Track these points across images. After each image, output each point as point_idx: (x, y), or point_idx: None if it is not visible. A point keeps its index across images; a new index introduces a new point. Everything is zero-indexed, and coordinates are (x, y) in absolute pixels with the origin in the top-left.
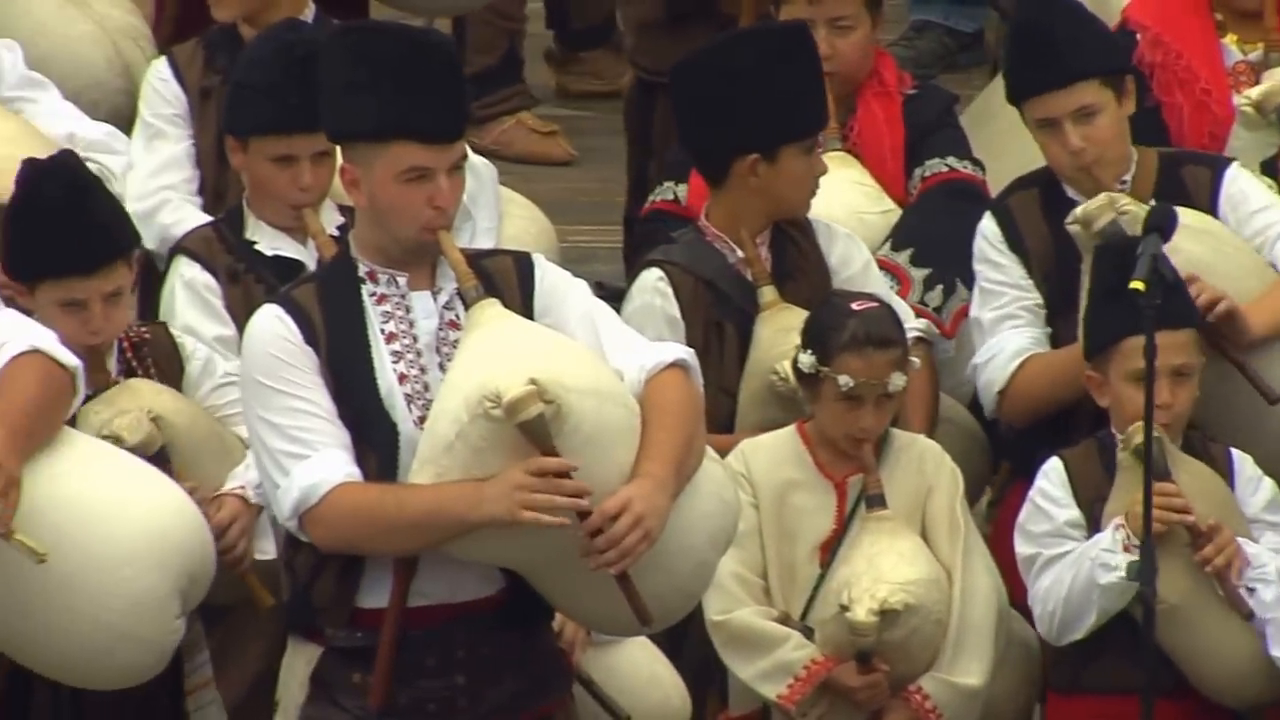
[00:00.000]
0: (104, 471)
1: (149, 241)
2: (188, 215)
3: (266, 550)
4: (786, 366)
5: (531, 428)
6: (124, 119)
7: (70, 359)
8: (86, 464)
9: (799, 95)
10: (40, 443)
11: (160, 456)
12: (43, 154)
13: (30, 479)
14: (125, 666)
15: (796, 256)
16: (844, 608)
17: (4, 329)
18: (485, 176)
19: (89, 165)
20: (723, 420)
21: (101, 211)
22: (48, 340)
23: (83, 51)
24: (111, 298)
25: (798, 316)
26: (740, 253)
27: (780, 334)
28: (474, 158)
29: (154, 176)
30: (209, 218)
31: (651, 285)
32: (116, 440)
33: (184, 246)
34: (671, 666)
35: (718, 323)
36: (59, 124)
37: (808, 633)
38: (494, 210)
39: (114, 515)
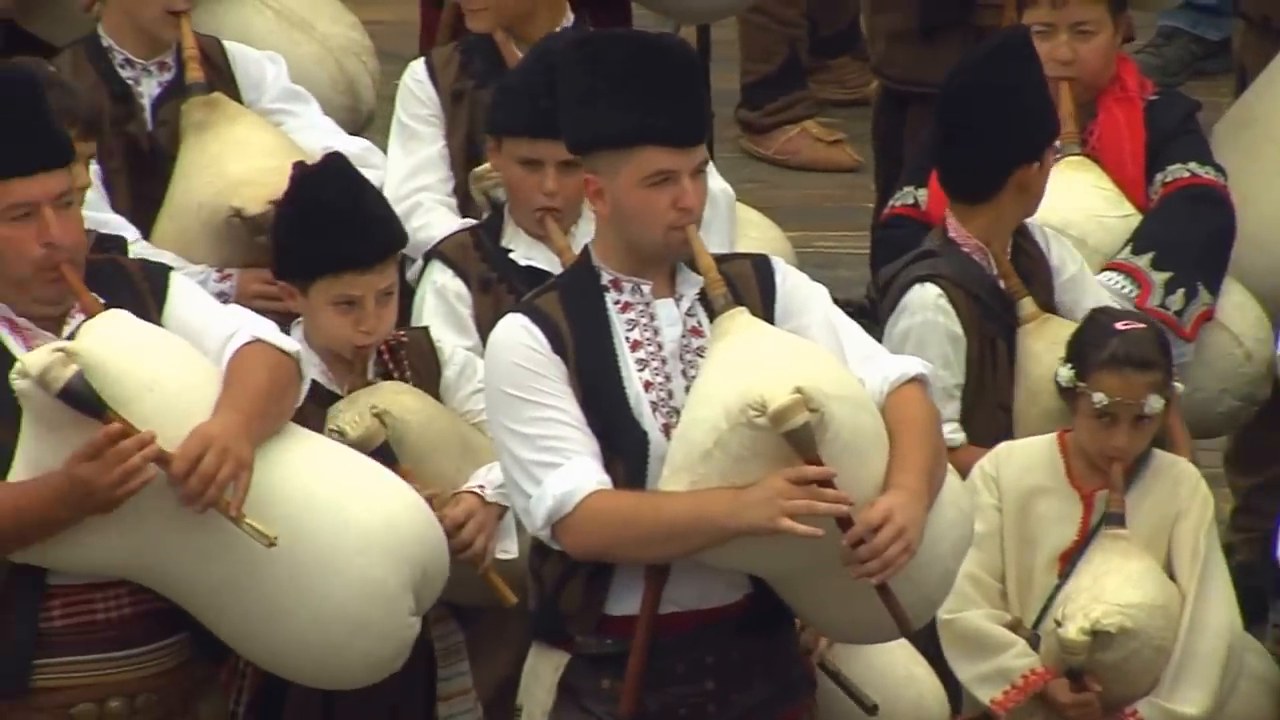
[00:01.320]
0: (333, 464)
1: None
2: (438, 218)
3: (509, 550)
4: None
5: (797, 436)
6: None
7: (292, 345)
8: (316, 456)
9: (1048, 100)
10: (270, 430)
11: (384, 453)
12: None
13: (261, 468)
14: (363, 660)
15: (1028, 263)
16: (1058, 623)
17: (228, 320)
18: (721, 205)
19: None
20: (1000, 436)
21: (377, 206)
22: (269, 329)
23: (308, 72)
24: (384, 296)
25: (1065, 328)
26: (993, 264)
27: (1053, 346)
28: (712, 181)
29: (409, 179)
30: (461, 220)
31: (933, 302)
32: (339, 435)
33: (440, 251)
34: (930, 668)
35: (991, 338)
36: (317, 138)
37: (1035, 641)
38: (727, 240)
39: (345, 505)
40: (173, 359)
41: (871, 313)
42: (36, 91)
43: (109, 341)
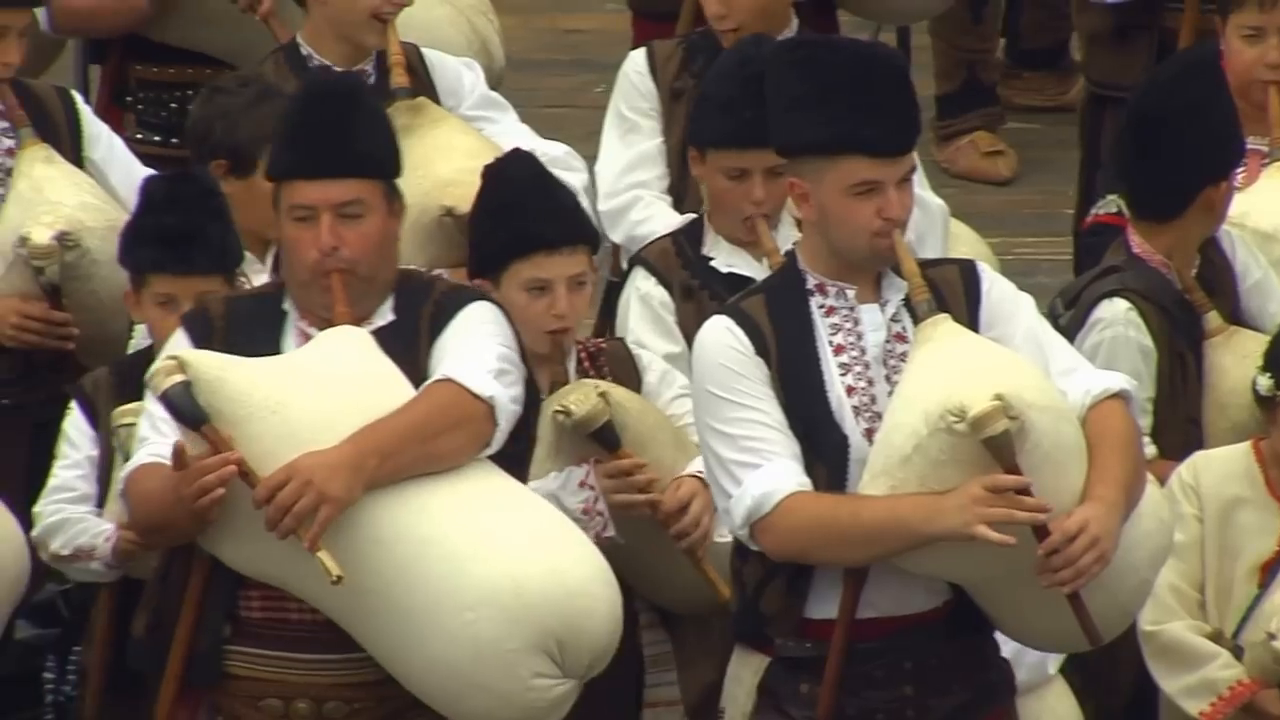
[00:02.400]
0: (481, 515)
1: (617, 237)
2: (657, 213)
3: (724, 534)
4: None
5: (996, 443)
6: None
7: (487, 388)
8: (464, 505)
9: (1235, 118)
10: (409, 469)
11: (607, 433)
12: None
13: (387, 507)
14: (484, 714)
15: (1213, 271)
16: (1271, 635)
17: (459, 358)
18: (936, 215)
19: None
20: (1190, 449)
21: (565, 197)
22: (474, 371)
23: (444, 34)
24: (575, 284)
25: (1253, 340)
26: (1177, 279)
27: (1242, 360)
28: (932, 199)
29: (626, 173)
30: (678, 216)
31: (1123, 316)
32: (565, 414)
33: (642, 258)
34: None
35: (1180, 351)
36: (517, 143)
37: (1238, 652)
38: (940, 249)
39: (468, 559)
40: (317, 386)
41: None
42: (347, 101)
43: (227, 359)
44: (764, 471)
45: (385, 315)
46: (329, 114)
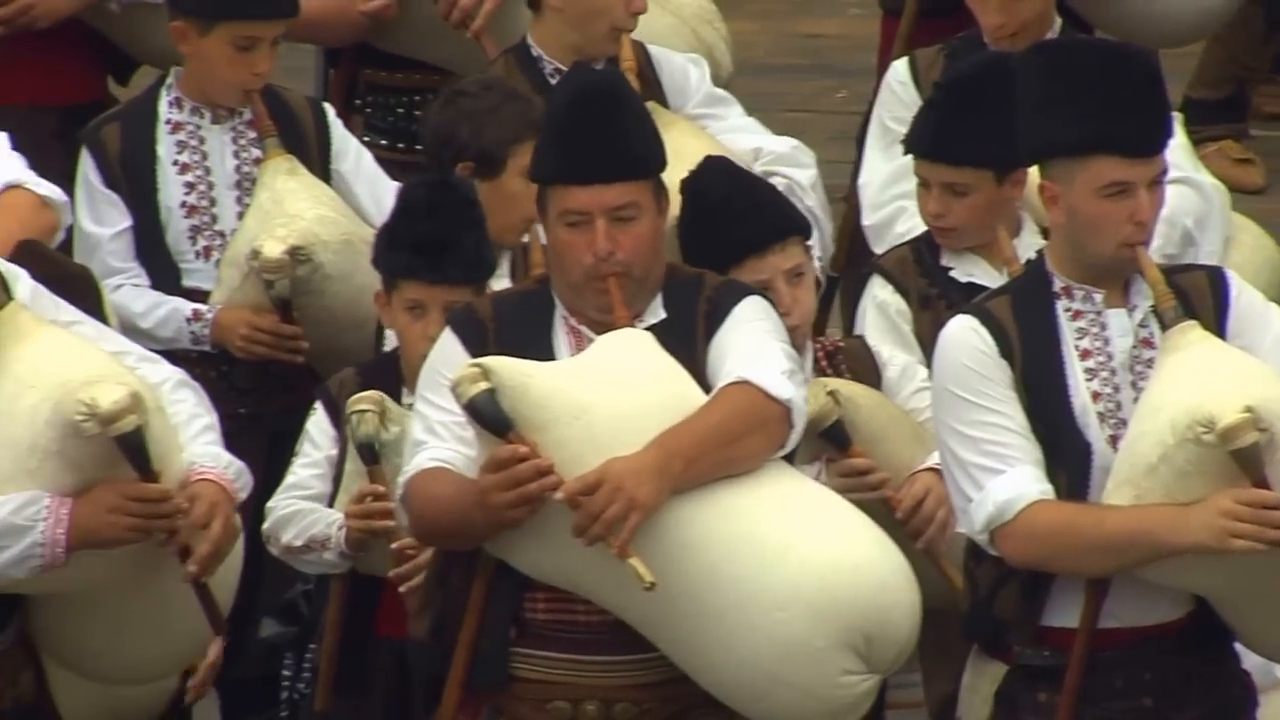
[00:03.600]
0: (783, 515)
1: (882, 250)
2: (921, 223)
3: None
4: None
5: (1245, 455)
6: None
7: (784, 390)
8: (769, 505)
9: None
10: (713, 472)
11: (837, 432)
12: None
13: (695, 509)
14: (792, 712)
15: None
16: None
17: (742, 358)
18: (1215, 201)
19: (775, 180)
20: None
21: (763, 192)
22: (768, 373)
23: (666, 43)
24: (793, 277)
25: None
26: None
27: None
28: (1206, 179)
29: (889, 185)
30: None
31: None
32: None
33: (880, 266)
34: None
35: None
36: (745, 139)
37: None
38: (1219, 235)
39: (776, 558)
40: (614, 389)
41: None
42: (613, 100)
43: (530, 365)
44: (1007, 478)
45: (657, 313)
46: (597, 115)
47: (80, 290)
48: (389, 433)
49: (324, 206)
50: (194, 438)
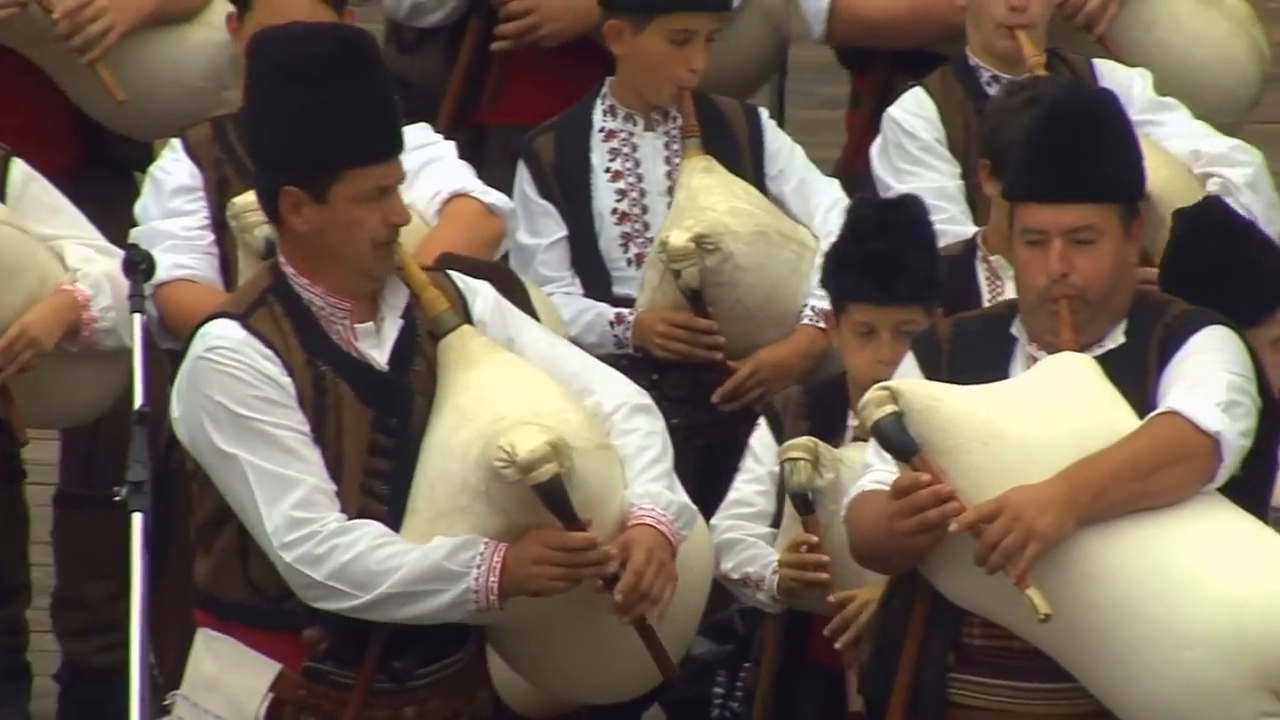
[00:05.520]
0: (1196, 548)
1: None
2: None
3: None
4: None
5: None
6: None
7: (1213, 422)
8: (1181, 537)
9: None
10: (1120, 506)
11: None
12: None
13: (1100, 542)
14: None
15: None
16: None
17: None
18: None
19: (1210, 183)
20: None
21: (1265, 252)
22: (1198, 404)
23: (1230, 50)
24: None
25: None
26: None
27: None
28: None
29: None
30: None
31: None
32: None
33: None
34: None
35: None
36: (1184, 143)
37: None
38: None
39: (1185, 595)
40: (1033, 415)
41: None
42: (1089, 120)
43: (940, 388)
44: None
45: (1116, 338)
46: (1070, 134)
47: (506, 291)
48: (823, 479)
49: (738, 199)
50: (639, 473)
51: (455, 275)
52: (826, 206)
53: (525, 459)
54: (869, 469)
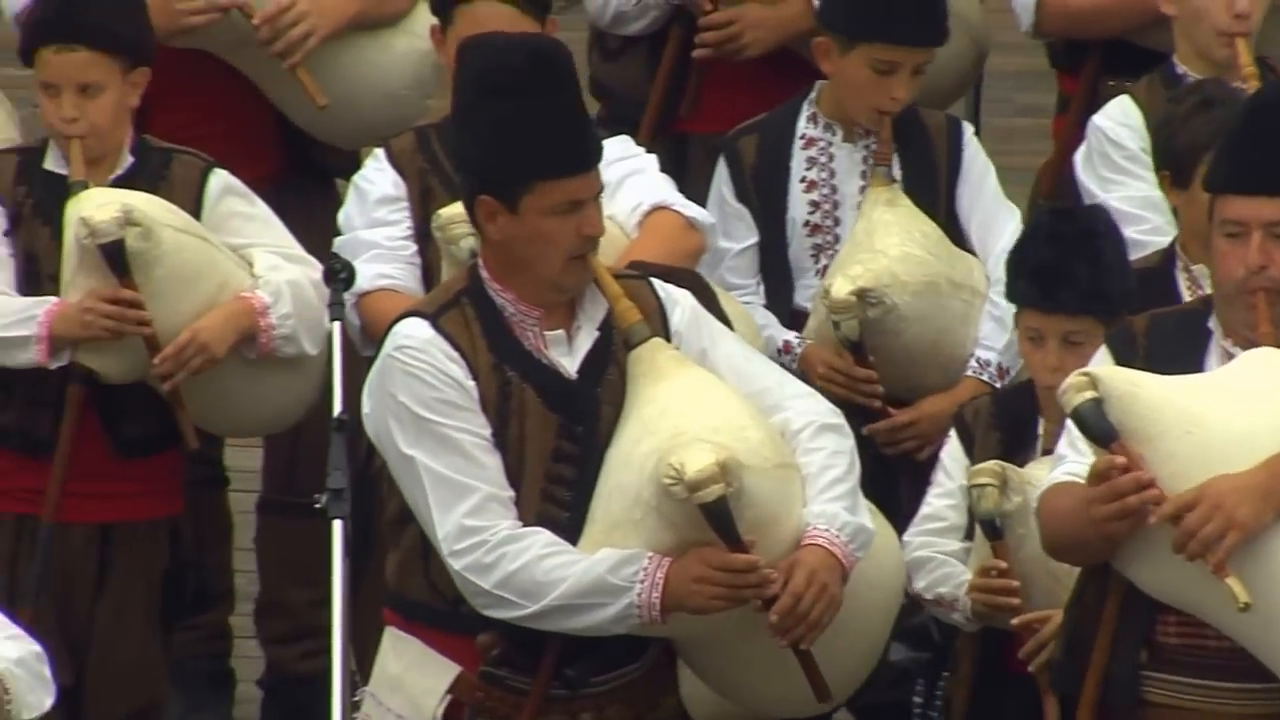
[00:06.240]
0: None
1: None
2: None
3: None
4: None
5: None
6: None
7: None
8: None
9: None
10: None
11: None
12: None
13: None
14: None
15: None
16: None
17: None
18: None
19: None
20: None
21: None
22: None
23: None
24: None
25: None
26: None
27: None
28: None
29: None
30: None
31: None
32: None
33: None
34: None
35: None
36: None
37: None
38: None
39: None
40: (1235, 406)
41: None
42: None
43: (1140, 375)
44: None
45: None
46: (1272, 127)
47: (699, 299)
48: (1011, 503)
49: (913, 244)
50: (820, 492)
51: (659, 284)
52: (1002, 249)
53: (693, 478)
54: (1061, 460)
